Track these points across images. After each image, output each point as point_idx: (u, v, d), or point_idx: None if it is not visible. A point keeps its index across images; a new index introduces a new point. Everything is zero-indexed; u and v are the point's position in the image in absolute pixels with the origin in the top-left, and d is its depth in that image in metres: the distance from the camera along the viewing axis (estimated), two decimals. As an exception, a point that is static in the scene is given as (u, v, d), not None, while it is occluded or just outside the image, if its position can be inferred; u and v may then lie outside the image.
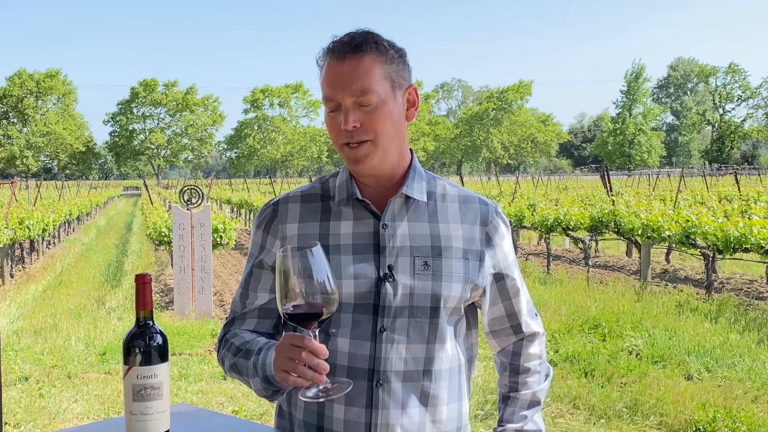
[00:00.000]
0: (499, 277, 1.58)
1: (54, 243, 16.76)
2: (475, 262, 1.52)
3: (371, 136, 1.43)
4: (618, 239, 12.25)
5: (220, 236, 9.09)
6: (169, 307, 8.70)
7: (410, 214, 1.51)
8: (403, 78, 1.48)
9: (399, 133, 1.49)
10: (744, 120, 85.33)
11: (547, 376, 1.68)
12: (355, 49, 1.42)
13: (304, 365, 1.27)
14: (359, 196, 1.49)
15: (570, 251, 14.14)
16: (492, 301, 1.60)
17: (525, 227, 12.01)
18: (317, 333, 1.30)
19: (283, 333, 1.46)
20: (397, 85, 1.47)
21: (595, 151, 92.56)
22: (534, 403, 1.63)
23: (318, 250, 1.29)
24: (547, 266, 11.08)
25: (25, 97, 79.21)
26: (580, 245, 11.04)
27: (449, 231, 1.52)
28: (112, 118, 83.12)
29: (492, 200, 1.63)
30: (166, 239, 9.67)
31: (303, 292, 1.26)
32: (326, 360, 1.45)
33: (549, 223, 10.84)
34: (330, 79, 1.44)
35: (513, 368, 1.65)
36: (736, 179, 18.58)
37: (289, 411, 1.56)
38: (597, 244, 14.05)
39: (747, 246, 7.61)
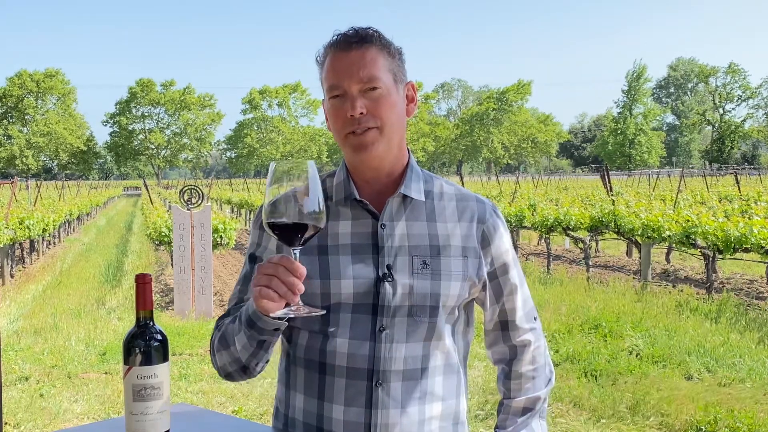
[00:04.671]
0: (494, 276, 1.56)
1: (54, 243, 16.75)
2: (474, 260, 1.52)
3: (377, 123, 1.44)
4: (618, 239, 12.25)
5: (220, 236, 9.09)
6: (169, 307, 8.70)
7: (408, 213, 1.51)
8: (402, 74, 1.52)
9: (401, 126, 1.51)
10: (744, 120, 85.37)
11: (548, 381, 1.63)
12: (361, 40, 1.45)
13: (280, 281, 1.24)
14: (357, 196, 1.49)
15: (570, 251, 14.14)
16: (490, 301, 1.58)
17: (525, 227, 12.01)
18: (298, 253, 1.28)
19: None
20: (398, 79, 1.50)
21: (595, 151, 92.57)
22: (527, 410, 1.60)
23: (313, 168, 1.26)
24: (547, 266, 11.08)
25: (25, 97, 79.24)
26: (580, 245, 11.04)
27: (447, 230, 1.51)
28: (111, 118, 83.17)
29: (489, 199, 1.63)
30: (166, 239, 9.67)
31: (293, 207, 1.24)
32: (325, 359, 1.46)
33: (549, 223, 10.84)
34: (336, 68, 1.45)
35: (507, 373, 1.62)
36: (736, 179, 18.59)
37: (286, 413, 1.55)
38: (597, 244, 14.04)
39: (747, 246, 7.60)
